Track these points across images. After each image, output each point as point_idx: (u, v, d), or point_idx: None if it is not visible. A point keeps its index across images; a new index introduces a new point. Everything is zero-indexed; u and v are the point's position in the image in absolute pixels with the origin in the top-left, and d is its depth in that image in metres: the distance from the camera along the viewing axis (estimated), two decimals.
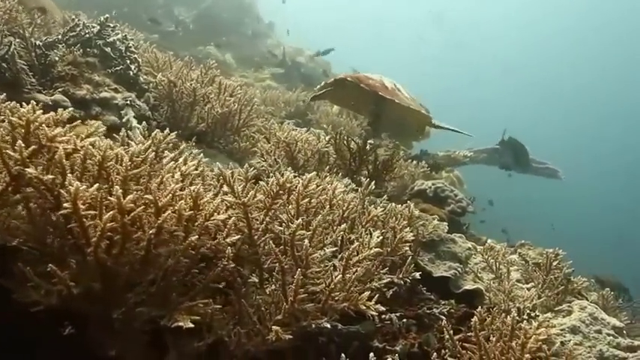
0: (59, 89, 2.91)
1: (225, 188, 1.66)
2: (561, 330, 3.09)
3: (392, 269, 2.36)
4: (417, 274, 2.10)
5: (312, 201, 1.81)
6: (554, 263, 2.96)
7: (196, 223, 1.30)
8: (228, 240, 1.37)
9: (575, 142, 31.89)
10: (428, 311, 2.30)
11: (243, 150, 3.39)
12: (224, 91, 3.52)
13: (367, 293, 1.58)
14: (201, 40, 11.65)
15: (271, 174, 2.38)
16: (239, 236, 1.41)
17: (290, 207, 1.72)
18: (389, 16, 37.77)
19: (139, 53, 3.57)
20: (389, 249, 2.04)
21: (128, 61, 3.37)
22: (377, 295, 2.17)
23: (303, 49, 13.21)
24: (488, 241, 4.91)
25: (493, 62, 37.98)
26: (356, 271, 1.65)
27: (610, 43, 35.58)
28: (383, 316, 2.14)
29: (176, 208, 1.24)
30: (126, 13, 9.70)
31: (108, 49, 3.31)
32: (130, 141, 1.89)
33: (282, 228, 1.66)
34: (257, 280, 1.65)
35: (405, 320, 2.11)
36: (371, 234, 1.96)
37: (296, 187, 1.81)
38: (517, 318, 2.53)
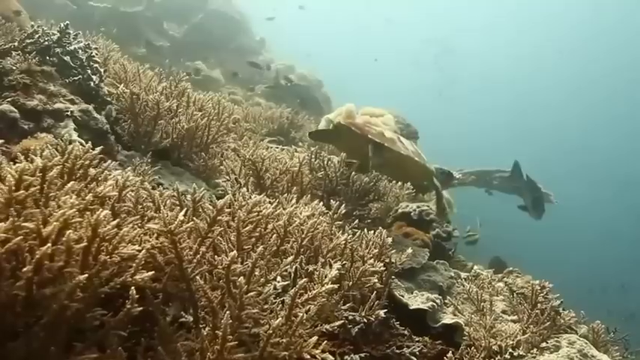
0: (8, 99, 2.69)
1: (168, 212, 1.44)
2: None
3: (363, 302, 2.14)
4: (382, 313, 1.87)
5: (259, 228, 1.58)
6: (541, 296, 2.73)
7: (97, 257, 1.07)
8: (138, 277, 1.14)
9: (566, 169, 31.89)
10: (398, 351, 2.06)
11: (211, 168, 3.17)
12: (192, 104, 3.31)
13: (314, 338, 1.34)
14: (191, 55, 11.49)
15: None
16: (149, 273, 1.18)
17: (231, 235, 1.49)
18: (386, 42, 37.83)
19: (102, 63, 3.35)
20: (351, 282, 1.81)
21: (89, 71, 3.15)
22: (341, 334, 1.93)
23: (295, 66, 13.07)
24: (474, 267, 4.68)
25: (484, 88, 38.09)
26: (308, 310, 1.43)
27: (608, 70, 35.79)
28: (345, 357, 1.90)
29: (64, 239, 1.02)
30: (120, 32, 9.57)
31: (67, 58, 3.10)
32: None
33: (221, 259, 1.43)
34: (192, 320, 1.42)
35: None
36: (331, 265, 1.73)
37: (243, 212, 1.59)
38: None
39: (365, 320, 1.88)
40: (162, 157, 3.22)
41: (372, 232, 2.48)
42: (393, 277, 2.86)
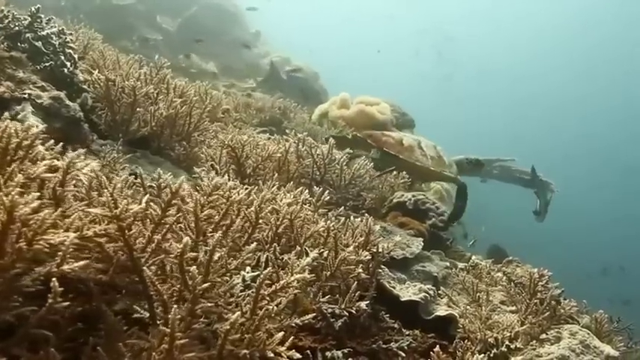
0: None
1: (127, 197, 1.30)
2: None
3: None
4: (364, 305, 1.71)
5: (228, 215, 1.43)
6: (540, 285, 2.58)
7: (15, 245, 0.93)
8: (66, 267, 0.99)
9: (568, 153, 31.63)
10: (384, 345, 1.91)
11: (192, 157, 3.02)
12: (172, 91, 3.16)
13: (280, 334, 1.20)
14: (184, 49, 11.31)
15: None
16: (81, 263, 1.03)
17: (190, 221, 1.34)
18: (383, 34, 37.48)
19: (81, 51, 3.20)
20: (329, 272, 1.66)
21: (63, 57, 3.00)
22: (323, 328, 1.79)
23: (291, 59, 12.89)
24: (473, 257, 4.52)
25: (484, 76, 37.74)
26: (278, 303, 1.28)
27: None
28: (327, 353, 1.76)
29: None
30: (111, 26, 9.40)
31: (39, 44, 2.94)
32: None
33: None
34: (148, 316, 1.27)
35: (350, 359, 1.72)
36: (307, 254, 1.59)
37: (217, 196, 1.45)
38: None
39: (346, 313, 1.73)
40: (142, 147, 3.07)
41: (359, 219, 2.34)
42: (383, 267, 2.72)
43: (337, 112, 6.08)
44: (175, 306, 1.05)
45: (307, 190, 2.34)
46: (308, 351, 1.71)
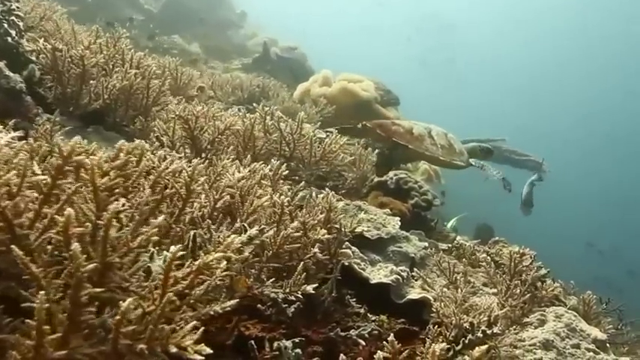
0: None
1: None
2: (531, 346, 2.53)
3: (308, 276, 1.79)
4: (310, 288, 1.50)
5: (138, 181, 1.22)
6: (521, 265, 2.39)
7: None
8: None
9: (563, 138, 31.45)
10: (343, 333, 1.71)
11: (148, 132, 2.79)
12: (128, 62, 2.93)
13: (190, 326, 0.99)
14: (168, 30, 11.02)
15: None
16: None
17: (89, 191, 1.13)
18: (377, 16, 36.94)
19: (25, 18, 2.96)
20: (271, 252, 1.45)
21: (6, 25, 2.76)
22: (274, 315, 1.59)
23: (278, 40, 12.60)
24: (457, 238, 4.33)
25: (479, 63, 37.35)
26: (193, 287, 1.08)
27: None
28: (275, 344, 1.56)
29: None
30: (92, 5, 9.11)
31: None
32: None
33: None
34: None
35: (298, 350, 1.51)
36: (246, 230, 1.38)
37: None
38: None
39: (293, 298, 1.52)
40: (97, 122, 2.85)
41: (321, 196, 2.13)
42: (352, 247, 2.52)
43: (319, 90, 5.85)
44: (42, 292, 0.84)
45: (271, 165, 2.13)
46: (252, 341, 1.50)
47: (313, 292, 1.51)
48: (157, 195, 1.27)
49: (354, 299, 2.13)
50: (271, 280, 1.48)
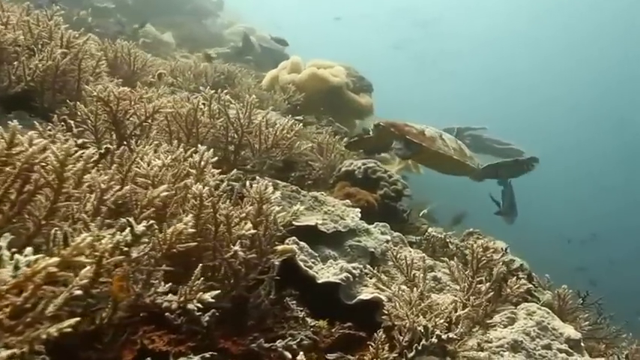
0: None
1: None
2: (498, 347, 2.31)
3: (237, 279, 1.55)
4: (207, 296, 1.25)
5: None
6: (485, 259, 2.15)
7: None
8: None
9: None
10: (267, 345, 1.46)
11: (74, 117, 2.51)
12: (58, 41, 2.64)
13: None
14: (141, 18, 10.65)
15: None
16: None
17: None
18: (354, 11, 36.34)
19: None
20: (161, 251, 1.20)
21: None
22: (184, 324, 1.35)
23: (255, 29, 12.29)
24: (429, 230, 4.09)
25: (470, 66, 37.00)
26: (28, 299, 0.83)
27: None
28: (181, 359, 1.31)
29: None
30: None
31: None
32: None
33: None
34: None
35: None
36: (132, 228, 1.12)
37: None
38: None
39: (190, 307, 1.26)
40: (21, 106, 2.57)
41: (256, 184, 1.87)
42: (298, 243, 2.27)
43: (288, 76, 5.59)
44: None
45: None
46: (149, 359, 1.25)
47: (211, 299, 1.25)
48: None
49: (294, 302, 1.89)
50: (167, 286, 1.23)
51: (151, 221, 1.13)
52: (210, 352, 1.32)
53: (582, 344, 2.49)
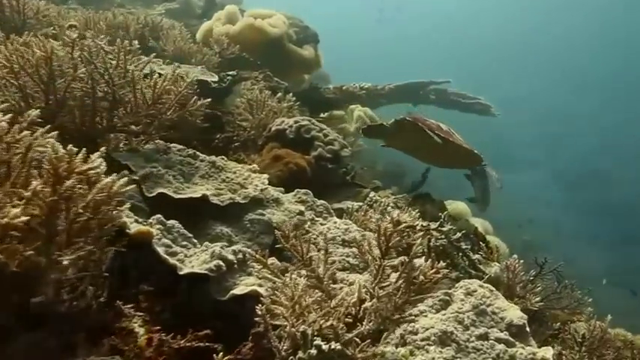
0: None
1: None
2: (423, 340, 1.87)
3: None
4: None
5: None
6: (395, 239, 1.67)
7: None
8: None
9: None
10: None
11: None
12: None
13: None
14: None
15: None
16: None
17: None
18: None
19: None
20: None
21: None
22: None
23: None
24: (371, 194, 3.62)
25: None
26: None
27: None
28: None
29: None
30: None
31: None
32: None
33: None
34: None
35: None
36: None
37: None
38: None
39: None
40: None
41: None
42: (164, 223, 1.79)
43: (222, 28, 5.00)
44: None
45: None
46: None
47: None
48: None
49: (132, 306, 1.41)
50: None
51: None
52: None
53: (527, 329, 2.05)
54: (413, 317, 1.78)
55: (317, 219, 2.58)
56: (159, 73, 2.45)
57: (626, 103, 26.12)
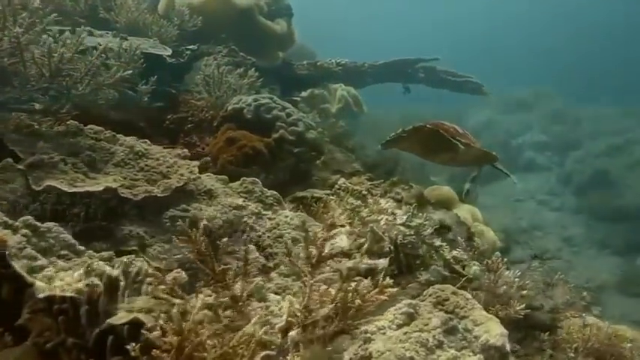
0: None
1: None
2: None
3: None
4: None
5: None
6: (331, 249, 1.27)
7: None
8: None
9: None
10: None
11: None
12: None
13: None
14: None
15: None
16: None
17: None
18: None
19: None
20: None
21: None
22: None
23: None
24: (340, 181, 3.19)
25: None
26: None
27: None
28: None
29: None
30: None
31: None
32: None
33: None
34: None
35: None
36: None
37: None
38: None
39: None
40: None
41: None
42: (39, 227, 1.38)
43: None
44: None
45: None
46: None
47: None
48: None
49: None
50: None
51: None
52: None
53: (507, 348, 1.65)
54: (368, 336, 1.38)
55: (265, 213, 2.17)
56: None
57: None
